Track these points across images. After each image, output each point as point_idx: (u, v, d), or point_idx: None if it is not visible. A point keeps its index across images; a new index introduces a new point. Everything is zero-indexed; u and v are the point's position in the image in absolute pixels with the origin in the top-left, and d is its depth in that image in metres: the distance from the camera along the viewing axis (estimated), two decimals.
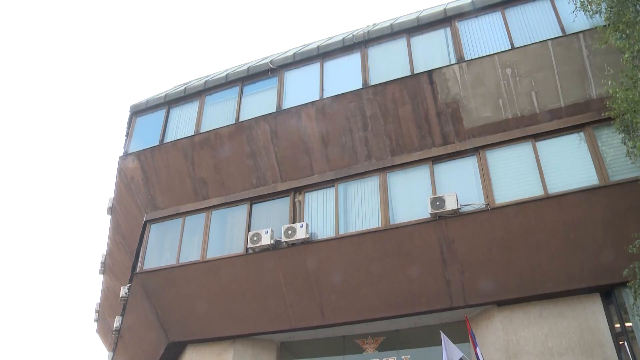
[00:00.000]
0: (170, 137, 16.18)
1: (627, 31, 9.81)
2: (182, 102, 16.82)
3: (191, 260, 14.70)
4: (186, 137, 15.71)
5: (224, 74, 16.86)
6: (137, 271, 15.22)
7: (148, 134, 16.50)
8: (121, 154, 16.51)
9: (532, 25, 13.73)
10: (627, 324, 11.13)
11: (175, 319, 14.65)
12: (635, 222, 10.11)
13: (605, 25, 10.71)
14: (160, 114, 16.77)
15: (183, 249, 15.02)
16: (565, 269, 11.50)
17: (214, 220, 15.14)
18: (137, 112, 17.29)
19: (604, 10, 10.62)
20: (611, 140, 11.95)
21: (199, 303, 14.37)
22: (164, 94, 17.33)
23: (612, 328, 11.22)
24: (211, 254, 14.60)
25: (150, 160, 15.84)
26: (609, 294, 11.50)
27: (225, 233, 15.09)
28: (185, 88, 17.05)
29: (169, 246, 15.34)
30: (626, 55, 9.68)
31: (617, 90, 9.83)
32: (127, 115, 17.43)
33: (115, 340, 18.47)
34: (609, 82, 10.43)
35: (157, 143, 16.06)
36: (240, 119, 15.33)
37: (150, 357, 15.98)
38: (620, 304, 11.29)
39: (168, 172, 15.68)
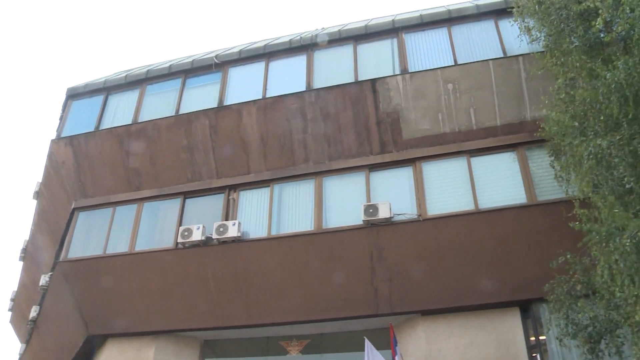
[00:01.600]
0: (106, 124, 15.77)
1: (562, 59, 10.17)
2: (122, 90, 16.44)
3: (119, 252, 14.34)
4: (123, 126, 15.36)
5: (168, 65, 16.57)
6: (61, 260, 14.74)
7: (83, 119, 16.03)
8: (53, 137, 15.98)
9: (475, 44, 14.08)
10: (541, 337, 11.57)
11: (96, 311, 14.22)
12: (558, 242, 10.45)
13: (543, 52, 11.09)
14: (98, 99, 16.33)
15: (111, 239, 14.64)
16: (489, 282, 11.77)
17: (145, 213, 14.83)
18: (74, 95, 16.78)
19: (543, 38, 10.99)
20: (541, 161, 12.35)
21: (124, 296, 14.02)
22: (103, 79, 16.90)
23: (527, 341, 11.58)
24: (140, 247, 14.30)
25: (84, 146, 15.38)
26: (527, 308, 11.85)
27: (155, 226, 14.82)
28: (126, 75, 16.66)
29: (97, 236, 14.90)
30: (559, 81, 10.02)
31: (550, 113, 10.16)
32: (63, 97, 16.85)
33: (30, 331, 17.75)
34: (545, 103, 10.77)
35: (92, 129, 15.62)
36: (180, 112, 15.11)
37: (67, 349, 15.41)
38: (536, 319, 11.70)
39: (101, 160, 15.27)
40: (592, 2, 8.77)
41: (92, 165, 15.37)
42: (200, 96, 15.40)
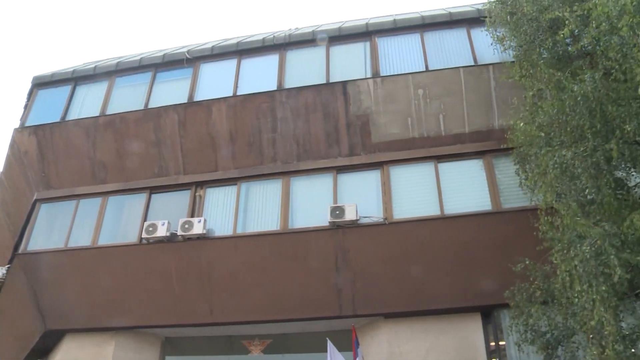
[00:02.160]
0: (73, 115, 15.51)
1: (531, 71, 10.34)
2: (90, 81, 16.18)
3: (81, 245, 14.09)
4: (90, 117, 15.13)
5: (138, 58, 16.38)
6: (20, 252, 14.40)
7: (49, 109, 15.72)
8: (17, 126, 15.63)
9: (447, 51, 14.26)
10: (501, 343, 11.72)
11: (55, 306, 13.92)
12: (521, 249, 10.61)
13: (513, 62, 11.27)
14: (65, 89, 16.04)
15: (73, 232, 14.37)
16: (452, 287, 11.90)
17: (110, 206, 14.61)
18: (40, 84, 16.45)
19: (514, 48, 11.16)
20: (507, 169, 12.51)
21: (84, 290, 13.75)
22: (71, 69, 16.61)
23: (487, 346, 11.73)
24: (103, 241, 14.07)
25: (49, 136, 15.09)
26: (488, 314, 11.98)
27: (120, 220, 14.62)
28: (95, 66, 16.41)
29: (59, 228, 14.61)
30: (530, 93, 10.20)
31: (518, 123, 10.33)
32: (29, 86, 16.54)
33: None
34: (513, 113, 10.94)
35: (58, 119, 15.34)
36: (150, 106, 14.96)
37: (22, 345, 14.99)
38: (497, 324, 11.84)
39: (66, 151, 15.01)
40: (562, 12, 8.93)
41: (57, 157, 15.09)
42: (170, 91, 15.25)
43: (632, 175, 9.47)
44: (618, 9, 7.30)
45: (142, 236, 13.41)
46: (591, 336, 8.01)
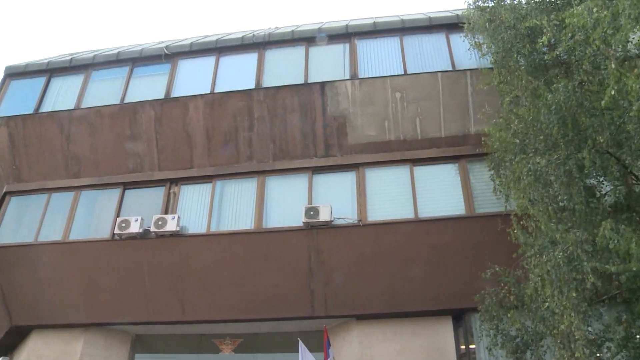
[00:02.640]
0: (47, 107, 15.31)
1: (508, 77, 10.45)
2: (66, 73, 15.99)
3: (51, 240, 13.89)
4: (65, 110, 14.95)
5: (116, 52, 16.21)
6: None
7: (22, 100, 15.46)
8: None
9: (426, 55, 14.35)
10: (471, 346, 11.82)
11: (23, 301, 13.65)
12: (493, 254, 10.74)
13: (490, 68, 11.37)
14: (40, 81, 15.81)
15: (44, 226, 14.15)
16: (424, 290, 11.97)
17: (83, 201, 14.43)
18: (13, 74, 16.17)
19: (492, 55, 11.27)
20: (481, 175, 12.63)
21: (54, 286, 13.54)
22: (46, 60, 16.37)
23: (457, 349, 11.84)
24: (74, 236, 13.89)
25: (21, 128, 14.85)
26: (459, 317, 12.09)
27: (92, 216, 14.42)
28: (71, 59, 16.20)
29: (29, 222, 14.38)
30: (506, 100, 10.30)
31: (493, 129, 10.43)
32: (1, 76, 16.26)
33: None
34: (489, 119, 11.04)
35: (31, 111, 15.10)
36: (126, 100, 14.82)
37: None
38: (468, 328, 11.94)
39: (39, 144, 14.78)
40: (540, 20, 9.04)
41: (29, 149, 14.85)
42: (147, 86, 15.13)
43: (603, 184, 9.64)
44: (593, 21, 7.40)
45: (115, 232, 13.28)
46: (559, 341, 8.13)
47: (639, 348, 8.40)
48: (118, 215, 13.75)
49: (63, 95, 15.56)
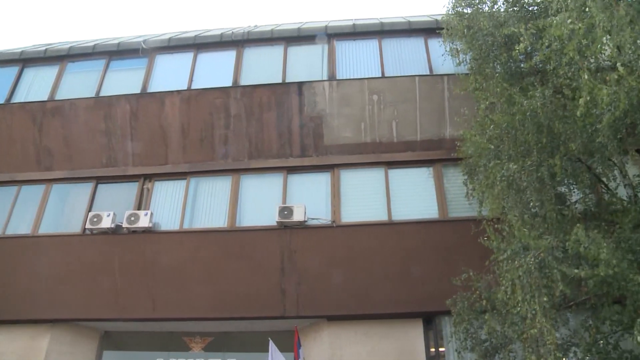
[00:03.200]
0: (19, 97, 15.07)
1: (484, 84, 10.56)
2: (40, 64, 15.75)
3: (20, 233, 13.67)
4: (37, 102, 14.72)
5: (92, 44, 16.03)
6: None
7: None
8: None
9: (404, 58, 14.44)
10: (440, 349, 11.88)
11: None
12: (465, 258, 10.83)
13: (467, 74, 11.48)
14: (12, 71, 15.54)
15: (12, 219, 13.92)
16: (396, 292, 12.00)
17: (54, 195, 14.23)
18: None
19: (469, 61, 11.38)
20: (455, 179, 12.75)
21: (20, 280, 13.27)
22: (19, 50, 16.10)
23: (427, 352, 11.88)
24: (44, 230, 13.70)
25: None
26: (430, 320, 12.13)
27: (63, 209, 14.23)
28: (46, 49, 15.96)
29: None
30: (482, 106, 10.41)
31: (468, 133, 10.53)
32: None
33: None
34: (465, 123, 11.15)
35: (2, 101, 14.87)
36: (101, 94, 14.68)
37: None
38: (438, 331, 12.01)
39: (10, 135, 14.52)
40: (517, 28, 9.14)
41: None
42: (124, 80, 14.99)
43: (574, 191, 9.79)
44: (568, 32, 7.52)
45: (86, 227, 13.12)
46: (527, 345, 8.23)
47: (602, 352, 8.56)
48: (90, 209, 13.60)
49: (36, 86, 15.33)
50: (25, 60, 15.77)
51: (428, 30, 14.58)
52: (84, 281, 13.05)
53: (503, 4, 10.76)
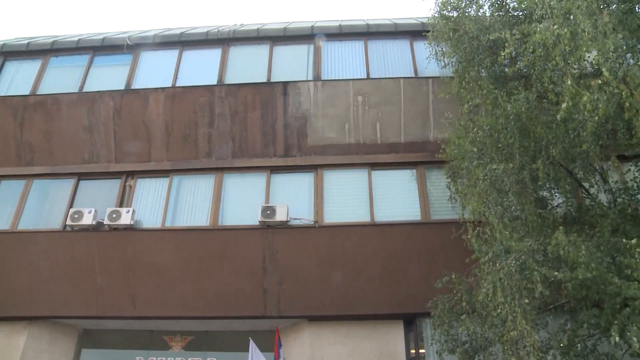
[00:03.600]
0: (0, 91, 14.88)
1: (469, 86, 10.63)
2: (22, 57, 15.60)
3: None
4: (19, 96, 14.57)
5: (76, 39, 15.88)
6: None
7: None
8: None
9: (389, 60, 14.48)
10: (421, 351, 11.94)
11: None
12: (446, 260, 10.89)
13: (452, 77, 11.54)
14: None
15: None
16: (377, 293, 12.04)
17: (34, 190, 14.08)
18: None
19: (454, 64, 11.44)
20: (438, 182, 12.83)
21: None
22: (1, 43, 15.90)
23: (407, 353, 11.95)
24: (24, 226, 13.54)
25: None
26: (411, 322, 12.19)
27: (44, 205, 14.06)
28: (28, 43, 15.79)
29: None
30: (465, 107, 10.47)
31: (452, 134, 10.60)
32: None
33: None
34: (448, 126, 11.21)
35: None
36: (84, 89, 14.57)
37: None
38: (419, 332, 12.06)
39: None
40: (502, 34, 9.21)
41: None
42: (108, 76, 14.87)
43: (555, 196, 9.89)
44: (554, 38, 7.58)
45: (67, 223, 13.01)
46: (507, 347, 8.29)
47: (579, 356, 8.66)
48: (71, 206, 13.49)
49: (18, 80, 15.17)
50: (7, 54, 15.61)
51: (414, 32, 14.64)
52: (64, 278, 12.92)
53: (489, 8, 10.83)
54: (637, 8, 8.31)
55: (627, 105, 7.20)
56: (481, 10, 10.88)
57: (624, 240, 7.79)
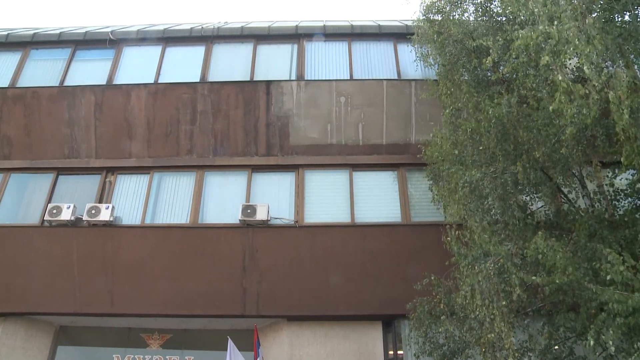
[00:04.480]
0: None
1: (452, 90, 10.70)
2: (1, 49, 15.42)
3: None
4: None
5: (58, 32, 15.71)
6: None
7: None
8: None
9: (373, 62, 14.55)
10: (399, 352, 11.98)
11: None
12: (426, 262, 10.95)
13: (435, 80, 11.61)
14: None
15: None
16: (357, 294, 12.07)
17: (12, 184, 13.91)
18: None
19: (438, 67, 11.51)
20: (419, 184, 12.92)
21: None
22: None
23: (386, 354, 11.98)
24: (0, 220, 13.37)
25: None
26: (389, 323, 12.22)
27: (21, 200, 13.90)
28: (8, 34, 15.60)
29: None
30: (447, 111, 10.53)
31: (439, 134, 10.67)
32: None
33: None
34: (431, 130, 11.27)
35: None
36: (65, 83, 14.44)
37: None
38: (397, 334, 12.11)
39: None
40: (485, 41, 9.27)
41: None
42: (89, 71, 14.77)
43: (535, 200, 9.98)
44: (541, 39, 7.60)
45: (45, 218, 12.87)
46: (484, 350, 8.36)
47: (557, 358, 8.77)
48: (49, 201, 13.34)
49: None
50: None
51: (398, 35, 14.72)
52: (41, 274, 12.78)
53: (473, 12, 10.90)
54: (616, 17, 8.44)
55: (613, 108, 7.19)
56: (465, 14, 10.95)
57: (598, 245, 7.90)
